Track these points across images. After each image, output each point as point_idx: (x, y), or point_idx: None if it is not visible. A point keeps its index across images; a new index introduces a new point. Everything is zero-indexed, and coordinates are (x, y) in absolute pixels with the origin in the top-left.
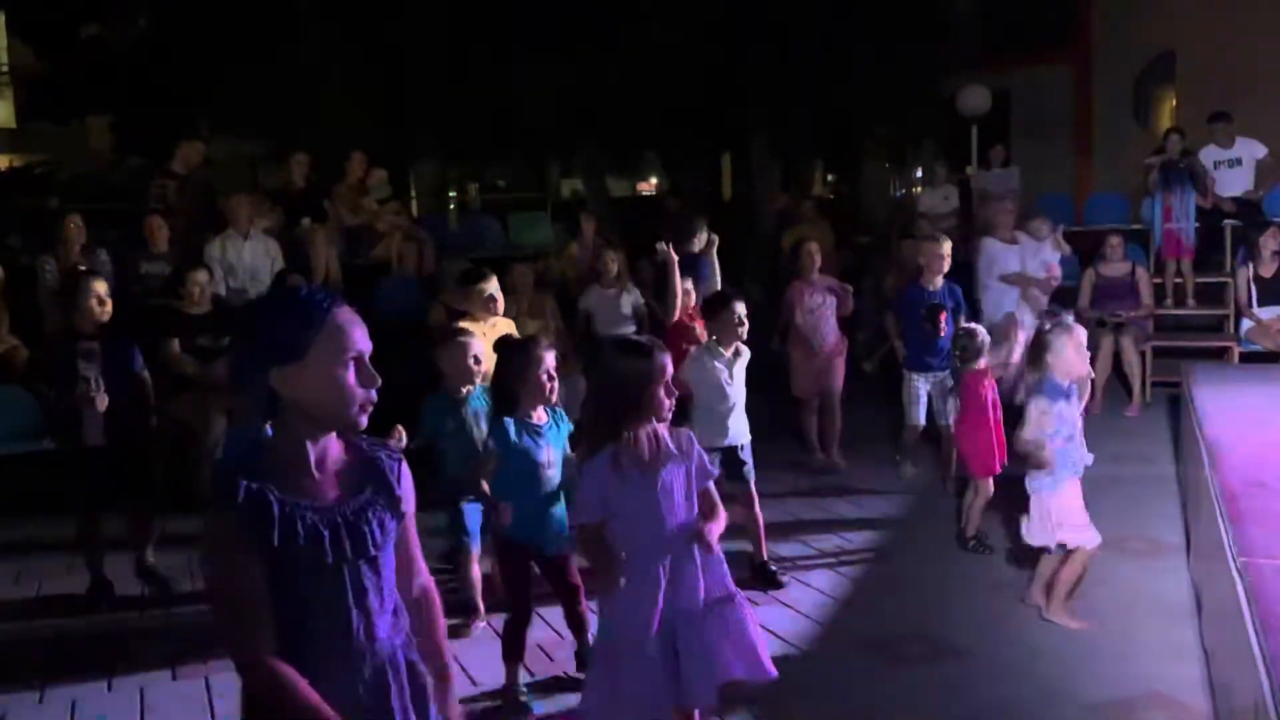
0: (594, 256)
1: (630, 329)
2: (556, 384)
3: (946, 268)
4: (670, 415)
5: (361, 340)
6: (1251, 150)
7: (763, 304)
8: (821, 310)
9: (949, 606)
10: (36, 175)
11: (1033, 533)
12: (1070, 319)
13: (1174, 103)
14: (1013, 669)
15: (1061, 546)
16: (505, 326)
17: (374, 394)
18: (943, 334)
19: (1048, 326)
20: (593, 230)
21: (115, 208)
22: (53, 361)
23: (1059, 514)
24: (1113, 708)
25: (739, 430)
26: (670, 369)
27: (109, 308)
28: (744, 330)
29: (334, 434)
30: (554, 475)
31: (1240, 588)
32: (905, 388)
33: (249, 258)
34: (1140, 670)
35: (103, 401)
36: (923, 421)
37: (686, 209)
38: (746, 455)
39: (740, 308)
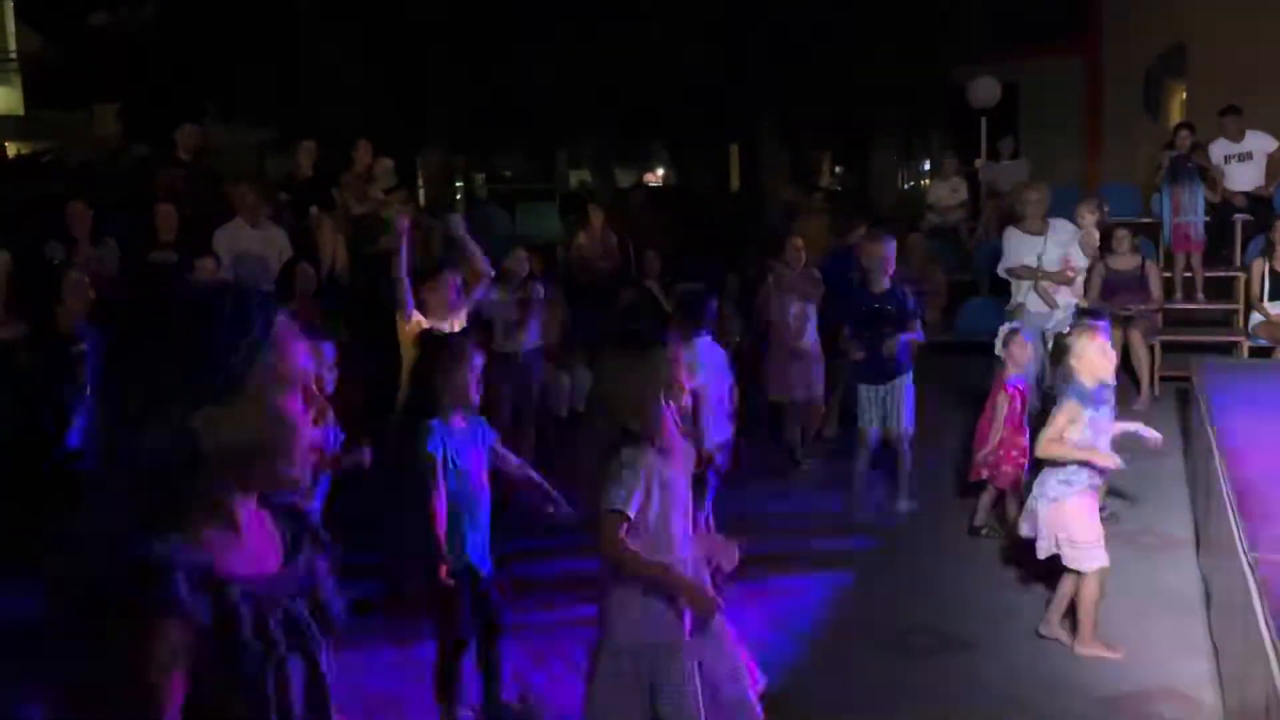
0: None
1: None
2: (479, 389)
3: (892, 269)
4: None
5: (306, 359)
6: (1262, 144)
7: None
8: (802, 312)
9: (958, 600)
10: (44, 163)
11: (1025, 524)
12: (1092, 320)
13: (1184, 96)
14: (1022, 662)
15: (1058, 558)
16: None
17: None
18: (894, 342)
19: (1069, 330)
20: (601, 221)
21: (122, 195)
22: (42, 363)
23: (1066, 529)
24: (1123, 700)
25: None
26: (680, 354)
27: (91, 295)
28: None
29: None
30: (480, 486)
31: (1252, 583)
32: (859, 399)
33: (257, 246)
34: (1150, 663)
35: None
36: (876, 429)
37: (646, 203)
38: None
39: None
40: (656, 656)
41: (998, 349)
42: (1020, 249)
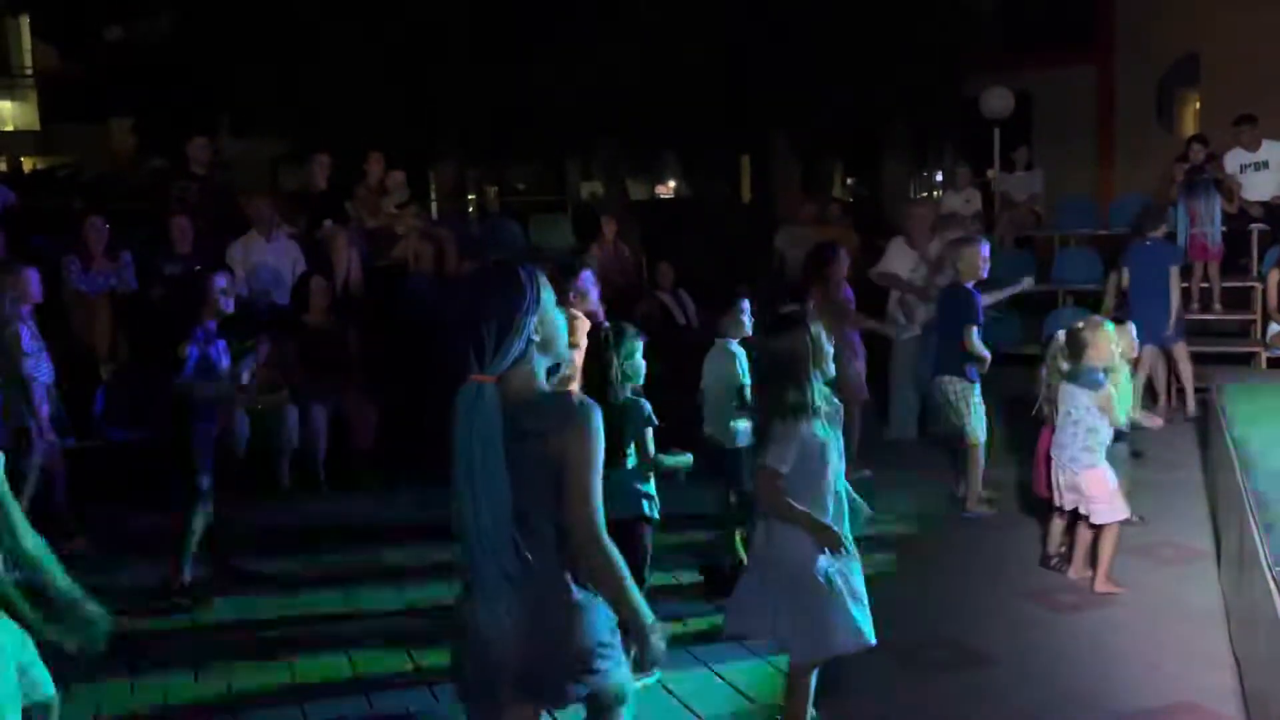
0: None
1: None
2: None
3: (986, 271)
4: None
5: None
6: (1278, 153)
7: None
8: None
9: (975, 614)
10: (60, 177)
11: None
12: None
13: (1197, 105)
14: (1040, 676)
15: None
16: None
17: None
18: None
19: (1080, 325)
20: (614, 232)
21: (137, 208)
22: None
23: (1101, 487)
24: (1143, 716)
25: (746, 431)
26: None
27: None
28: (747, 326)
29: None
30: None
31: (1277, 596)
32: (968, 399)
33: (271, 259)
34: (1171, 677)
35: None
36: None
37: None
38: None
39: (745, 304)
40: (785, 573)
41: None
42: (894, 258)
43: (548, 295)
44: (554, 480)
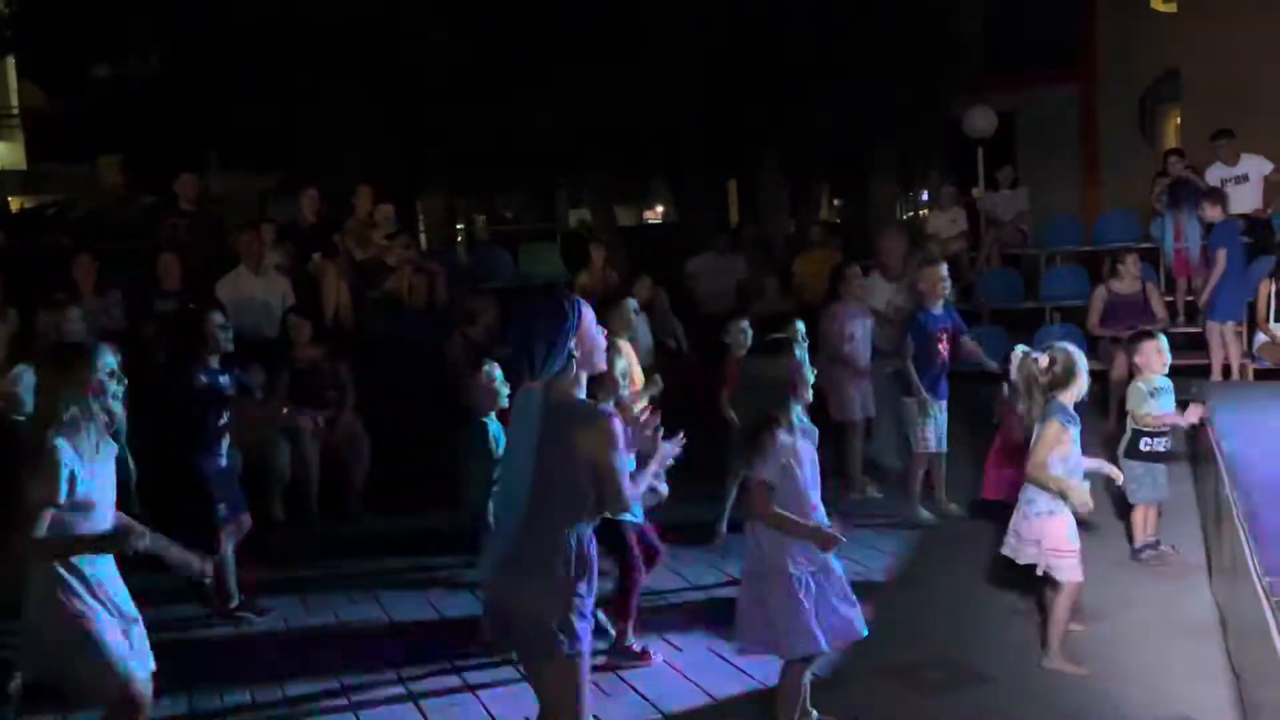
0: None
1: None
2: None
3: (948, 290)
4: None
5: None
6: (1259, 167)
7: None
8: (862, 337)
9: (972, 633)
10: (48, 216)
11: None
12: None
13: (1179, 121)
14: (1038, 694)
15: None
16: None
17: None
18: (942, 358)
19: (1066, 348)
20: (602, 259)
21: (127, 245)
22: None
23: (1053, 540)
24: None
25: None
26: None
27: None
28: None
29: None
30: None
31: (1268, 607)
32: (921, 414)
33: (260, 294)
34: (1168, 692)
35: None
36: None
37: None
38: None
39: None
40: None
41: (1012, 374)
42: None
43: (588, 317)
44: (581, 471)
